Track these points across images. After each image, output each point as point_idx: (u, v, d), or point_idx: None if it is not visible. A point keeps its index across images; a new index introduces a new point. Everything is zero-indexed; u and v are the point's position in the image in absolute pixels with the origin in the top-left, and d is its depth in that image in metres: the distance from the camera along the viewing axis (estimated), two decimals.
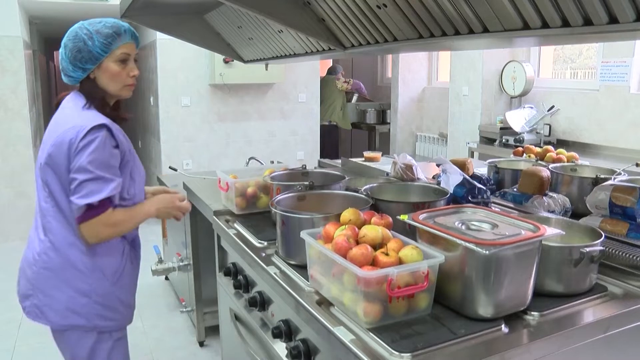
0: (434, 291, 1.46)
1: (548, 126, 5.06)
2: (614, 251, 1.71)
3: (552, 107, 5.04)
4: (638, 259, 1.65)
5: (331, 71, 7.74)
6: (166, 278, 4.52)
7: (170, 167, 4.40)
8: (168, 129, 5.92)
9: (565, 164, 2.72)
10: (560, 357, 1.40)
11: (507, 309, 1.44)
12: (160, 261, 3.80)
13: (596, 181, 2.24)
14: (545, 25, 1.35)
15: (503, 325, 1.41)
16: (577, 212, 2.23)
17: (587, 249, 1.54)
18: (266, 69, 3.36)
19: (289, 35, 2.44)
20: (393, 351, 1.28)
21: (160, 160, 6.00)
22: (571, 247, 1.57)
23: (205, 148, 6.10)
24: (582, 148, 4.71)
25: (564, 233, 1.60)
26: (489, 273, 1.40)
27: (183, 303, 3.76)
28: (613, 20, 1.20)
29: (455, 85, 6.09)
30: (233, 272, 2.27)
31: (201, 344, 3.52)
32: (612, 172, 2.40)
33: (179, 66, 5.83)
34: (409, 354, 1.27)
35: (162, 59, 5.77)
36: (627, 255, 1.68)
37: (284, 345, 1.73)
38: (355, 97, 8.20)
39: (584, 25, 1.26)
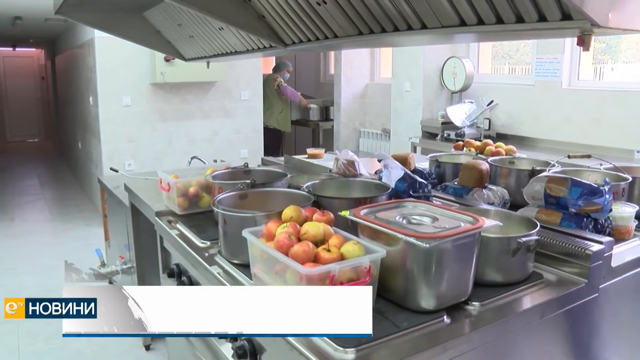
0: (376, 286, 1.47)
1: (488, 120, 5.21)
2: (548, 240, 1.77)
3: (492, 101, 5.19)
4: (569, 246, 1.71)
5: (276, 68, 7.26)
6: (110, 282, 4.41)
7: (111, 169, 4.29)
8: (109, 130, 5.76)
9: (504, 157, 2.79)
10: (499, 343, 1.45)
11: (449, 301, 1.47)
12: (103, 265, 3.71)
13: (532, 173, 2.31)
14: (480, 22, 1.39)
15: (445, 317, 1.44)
16: (515, 204, 2.29)
17: (524, 239, 1.59)
18: (208, 67, 3.32)
19: (230, 32, 2.42)
20: (337, 347, 1.28)
21: (101, 161, 5.83)
22: (509, 237, 1.61)
23: (147, 148, 5.97)
24: (520, 141, 4.87)
25: (502, 224, 1.64)
26: (429, 266, 1.42)
27: None
28: (542, 18, 1.25)
29: (397, 81, 6.18)
30: (177, 273, 2.23)
31: (147, 348, 3.45)
32: (547, 164, 2.48)
33: (119, 65, 5.67)
34: (353, 349, 1.28)
35: (101, 57, 5.60)
36: (560, 243, 1.74)
37: (229, 345, 1.71)
38: None
39: (516, 23, 1.31)
